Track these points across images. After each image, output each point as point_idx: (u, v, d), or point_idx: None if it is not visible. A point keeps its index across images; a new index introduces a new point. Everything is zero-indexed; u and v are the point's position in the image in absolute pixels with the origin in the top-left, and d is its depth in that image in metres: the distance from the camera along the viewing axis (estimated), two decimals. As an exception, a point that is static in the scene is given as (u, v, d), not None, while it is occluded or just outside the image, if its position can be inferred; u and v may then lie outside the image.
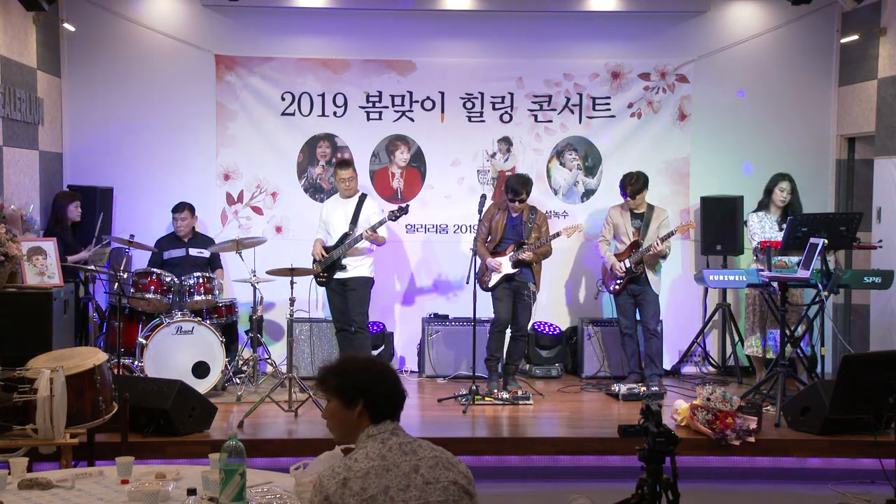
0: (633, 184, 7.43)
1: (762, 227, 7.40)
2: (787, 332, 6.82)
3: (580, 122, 8.56)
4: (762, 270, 6.93)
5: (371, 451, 2.78)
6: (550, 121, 8.56)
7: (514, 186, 7.32)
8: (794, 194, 7.43)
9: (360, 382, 2.89)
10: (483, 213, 7.40)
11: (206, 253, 7.89)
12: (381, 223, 7.25)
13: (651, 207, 7.55)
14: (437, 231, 8.57)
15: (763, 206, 7.52)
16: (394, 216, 7.23)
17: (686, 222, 7.56)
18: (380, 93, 8.47)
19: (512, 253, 7.30)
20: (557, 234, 7.36)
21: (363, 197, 7.58)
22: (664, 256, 7.45)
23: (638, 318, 7.61)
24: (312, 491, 2.78)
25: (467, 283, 7.21)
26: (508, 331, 7.53)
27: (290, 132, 8.44)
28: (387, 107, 8.49)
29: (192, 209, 7.91)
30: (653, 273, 7.47)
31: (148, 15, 8.34)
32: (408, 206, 7.38)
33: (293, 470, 3.54)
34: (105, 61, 8.32)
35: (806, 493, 5.86)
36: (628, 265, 7.43)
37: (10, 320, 6.28)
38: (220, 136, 8.41)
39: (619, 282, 7.50)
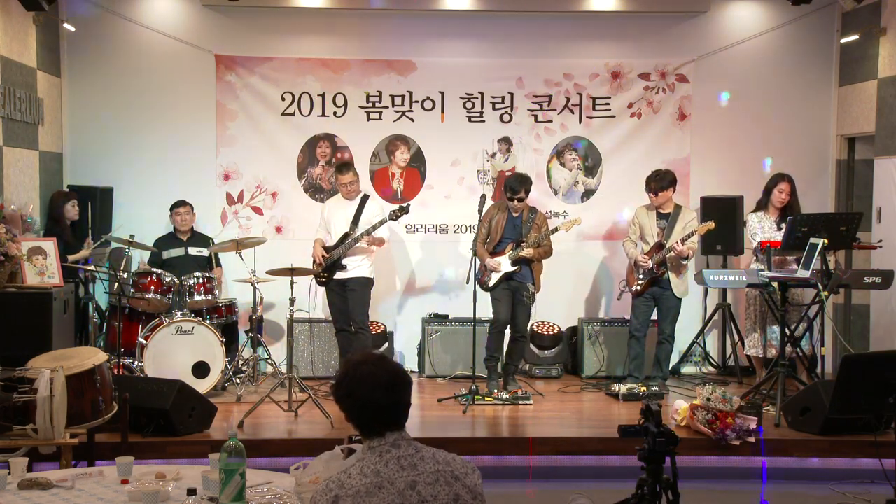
0: (657, 180, 7.34)
1: (762, 228, 7.38)
2: (787, 332, 6.82)
3: (580, 122, 8.56)
4: (762, 270, 6.92)
5: (366, 467, 2.67)
6: (550, 121, 8.56)
7: (512, 185, 7.32)
8: (792, 195, 7.40)
9: (337, 396, 2.81)
10: (483, 215, 7.39)
11: (205, 252, 7.89)
12: (381, 223, 7.24)
13: (678, 208, 7.46)
14: (437, 231, 8.57)
15: (761, 205, 7.49)
16: (395, 216, 7.23)
17: (705, 223, 7.41)
18: (380, 93, 8.47)
19: (511, 251, 7.30)
20: (556, 229, 7.35)
21: (365, 197, 7.57)
22: (686, 258, 7.33)
23: (654, 318, 7.58)
24: (311, 499, 2.72)
25: (467, 283, 7.21)
26: (508, 331, 7.53)
27: (290, 132, 8.44)
28: (387, 107, 8.49)
29: (191, 206, 7.93)
30: (676, 277, 7.36)
31: (148, 15, 8.34)
32: (408, 205, 7.37)
33: (293, 470, 3.55)
34: (105, 61, 8.32)
35: (806, 493, 5.86)
36: (650, 265, 7.37)
37: (10, 320, 6.28)
38: (220, 136, 8.40)
39: (640, 281, 7.45)
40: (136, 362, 7.10)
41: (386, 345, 8.16)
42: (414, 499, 2.65)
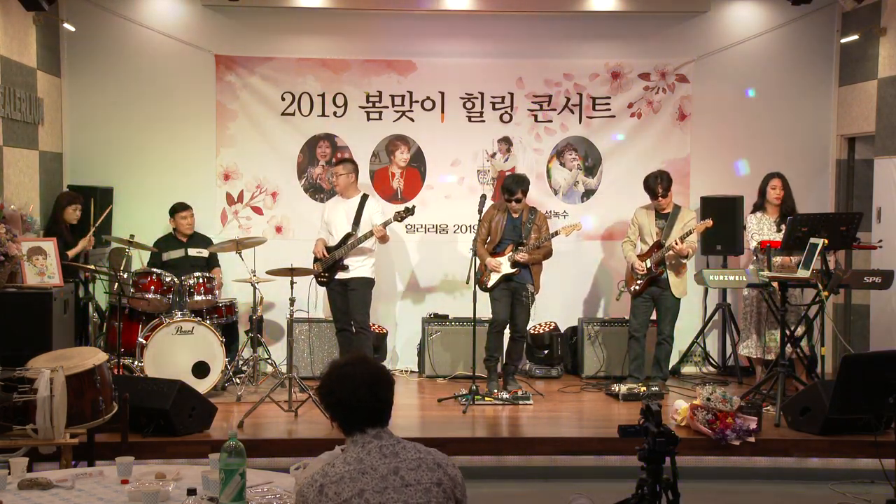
0: (663, 182, 7.30)
1: (760, 228, 7.39)
2: (787, 332, 6.82)
3: (580, 122, 8.56)
4: (762, 271, 6.92)
5: (349, 457, 2.78)
6: (550, 121, 8.56)
7: (509, 186, 7.33)
8: (786, 190, 7.41)
9: (321, 395, 2.92)
10: (483, 215, 7.39)
11: (204, 253, 7.89)
12: (386, 224, 7.21)
13: (677, 208, 7.44)
14: (437, 231, 8.56)
15: (759, 207, 7.50)
16: (400, 217, 7.18)
17: (703, 221, 7.33)
18: (380, 93, 8.47)
19: (510, 253, 7.30)
20: (556, 233, 7.34)
21: (365, 197, 7.56)
22: (686, 257, 7.31)
23: (653, 318, 7.57)
24: (296, 496, 2.79)
25: (467, 283, 7.20)
26: (507, 331, 7.53)
27: (290, 132, 8.44)
28: (387, 107, 8.49)
29: (191, 209, 7.93)
30: (675, 276, 7.35)
31: (148, 15, 8.34)
32: (414, 206, 7.33)
33: (293, 470, 3.54)
34: (105, 61, 8.32)
35: (806, 493, 5.86)
36: (649, 265, 7.34)
37: (10, 320, 6.28)
38: (220, 136, 8.40)
39: (639, 282, 7.44)
40: (136, 362, 7.10)
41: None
42: (397, 482, 2.73)
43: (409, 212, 7.23)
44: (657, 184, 7.32)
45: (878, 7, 7.99)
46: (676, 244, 7.16)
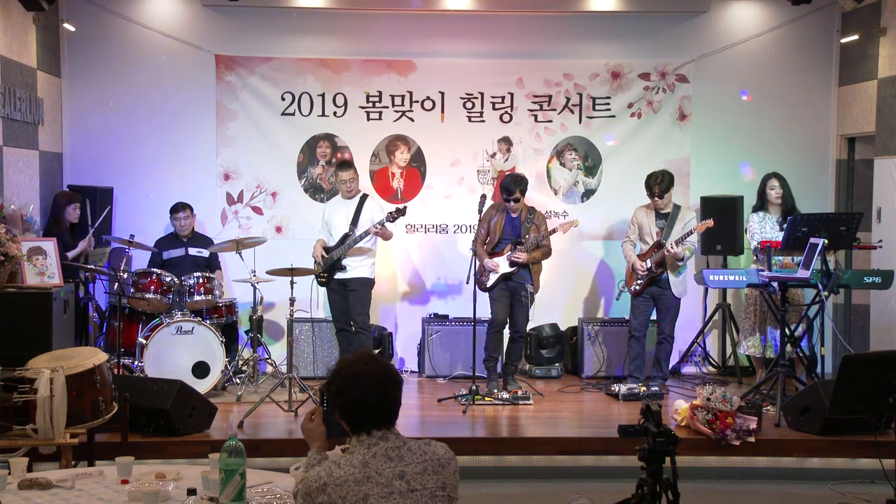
0: (661, 183, 7.30)
1: (762, 228, 7.38)
2: (787, 332, 6.82)
3: (580, 122, 8.56)
4: (762, 270, 6.92)
5: (355, 459, 2.77)
6: (550, 121, 8.55)
7: (507, 185, 7.33)
8: (785, 189, 7.41)
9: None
10: (482, 215, 7.39)
11: (205, 253, 7.89)
12: (380, 223, 7.23)
13: (677, 207, 7.43)
14: (437, 231, 8.56)
15: (759, 207, 7.50)
16: (392, 217, 7.19)
17: (704, 222, 7.31)
18: (380, 93, 8.47)
19: (509, 252, 7.30)
20: (553, 231, 7.35)
21: (364, 197, 7.57)
22: (681, 259, 7.28)
23: (653, 318, 7.56)
24: (302, 483, 2.80)
25: (467, 283, 7.21)
26: (507, 331, 7.53)
27: (290, 132, 8.44)
28: (387, 107, 8.49)
29: (191, 208, 7.92)
30: (674, 275, 7.33)
31: (148, 15, 8.34)
32: (405, 207, 7.34)
33: (293, 470, 3.54)
34: (105, 61, 8.32)
35: (806, 493, 5.86)
36: (649, 265, 7.34)
37: (10, 320, 6.28)
38: (220, 136, 8.40)
39: (639, 282, 7.45)
40: (136, 362, 7.10)
41: (380, 348, 8.15)
42: (403, 487, 2.74)
43: (401, 212, 7.20)
44: (656, 184, 7.32)
45: (878, 7, 7.98)
46: (671, 248, 7.13)
